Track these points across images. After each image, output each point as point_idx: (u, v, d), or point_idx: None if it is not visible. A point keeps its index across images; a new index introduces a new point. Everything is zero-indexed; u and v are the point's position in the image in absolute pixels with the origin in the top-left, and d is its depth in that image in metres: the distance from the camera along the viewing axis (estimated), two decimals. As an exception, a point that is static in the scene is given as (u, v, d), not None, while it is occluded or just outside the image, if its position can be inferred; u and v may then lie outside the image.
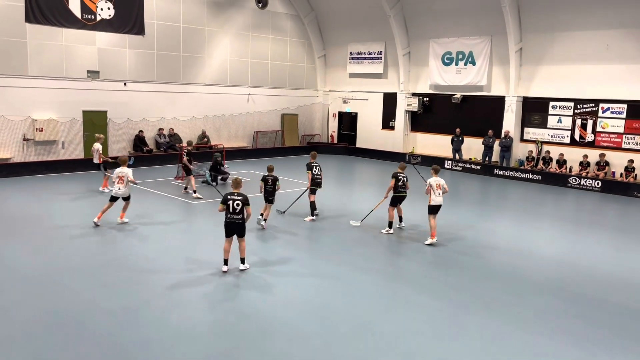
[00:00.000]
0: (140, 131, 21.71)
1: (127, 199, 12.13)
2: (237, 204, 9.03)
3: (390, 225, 12.21)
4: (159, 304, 7.87)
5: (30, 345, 6.60)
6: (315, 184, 13.17)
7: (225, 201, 9.08)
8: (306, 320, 7.52)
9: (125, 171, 11.94)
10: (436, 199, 11.34)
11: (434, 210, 11.40)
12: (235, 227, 9.15)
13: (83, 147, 20.37)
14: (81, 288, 8.40)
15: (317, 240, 11.80)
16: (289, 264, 9.85)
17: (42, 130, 19.11)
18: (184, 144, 21.01)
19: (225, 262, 9.28)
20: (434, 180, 11.42)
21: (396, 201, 12.25)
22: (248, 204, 9.12)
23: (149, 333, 6.96)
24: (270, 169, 12.42)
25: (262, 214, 12.36)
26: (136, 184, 12.46)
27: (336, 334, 7.12)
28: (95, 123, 20.54)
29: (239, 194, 9.13)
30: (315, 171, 13.24)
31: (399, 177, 12.09)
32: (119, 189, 11.88)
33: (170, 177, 18.43)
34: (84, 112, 20.24)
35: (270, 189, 12.22)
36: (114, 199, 12.05)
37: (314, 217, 13.14)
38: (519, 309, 8.21)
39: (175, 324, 7.23)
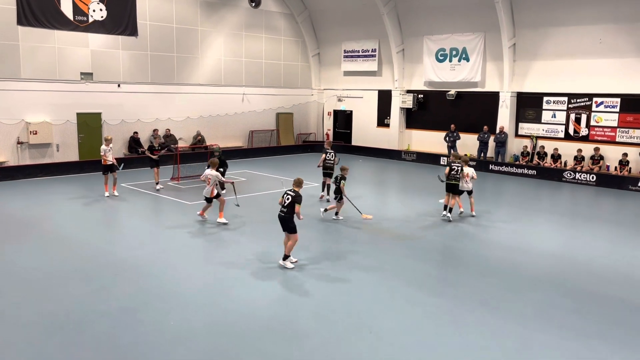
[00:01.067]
0: (135, 132, 21.66)
1: (217, 197, 12.48)
2: (287, 199, 9.46)
3: (444, 208, 13.34)
4: (156, 306, 7.87)
5: (29, 348, 6.58)
6: (325, 167, 14.33)
7: (283, 194, 9.64)
8: (304, 319, 7.53)
9: (208, 173, 12.46)
10: (463, 185, 13.33)
11: (463, 193, 13.54)
12: (281, 220, 9.57)
13: (78, 149, 20.31)
14: (78, 291, 8.38)
15: (315, 238, 11.79)
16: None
17: (36, 133, 19.04)
18: (179, 145, 21.01)
19: (285, 257, 9.59)
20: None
21: (448, 188, 13.27)
22: (298, 203, 9.40)
23: (146, 335, 6.96)
24: (343, 169, 13.25)
25: (326, 210, 13.29)
26: (223, 186, 13.56)
27: (334, 332, 7.13)
28: (89, 125, 20.48)
29: (293, 191, 9.53)
30: (328, 156, 15.03)
31: (452, 167, 13.26)
32: (205, 188, 12.49)
33: (166, 178, 18.38)
34: (78, 114, 20.17)
35: (336, 186, 13.12)
36: (207, 199, 12.51)
37: (327, 198, 14.30)
38: (516, 304, 8.24)
39: (173, 325, 7.23)
